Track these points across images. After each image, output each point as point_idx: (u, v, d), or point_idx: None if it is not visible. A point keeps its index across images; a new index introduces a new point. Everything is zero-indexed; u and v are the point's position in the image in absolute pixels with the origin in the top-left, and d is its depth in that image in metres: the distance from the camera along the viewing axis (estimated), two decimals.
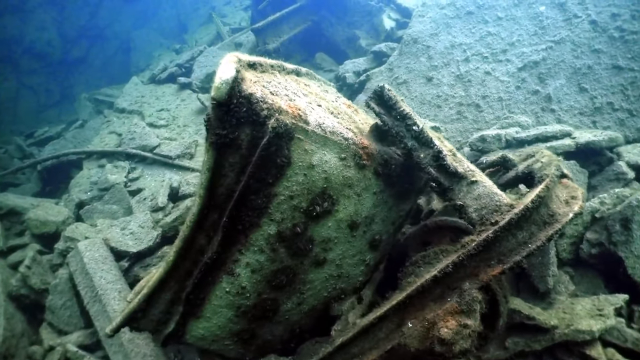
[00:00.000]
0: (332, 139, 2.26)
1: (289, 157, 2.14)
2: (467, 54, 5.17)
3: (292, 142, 2.13)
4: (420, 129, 2.30)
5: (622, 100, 4.37)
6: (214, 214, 2.28)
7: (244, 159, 2.12)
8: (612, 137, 3.83)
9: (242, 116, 1.99)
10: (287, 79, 2.63)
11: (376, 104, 2.43)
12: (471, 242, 2.08)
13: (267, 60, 2.46)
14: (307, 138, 2.18)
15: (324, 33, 7.80)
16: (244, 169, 2.14)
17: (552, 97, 4.60)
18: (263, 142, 2.03)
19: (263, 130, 2.04)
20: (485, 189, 2.20)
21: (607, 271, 3.54)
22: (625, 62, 4.45)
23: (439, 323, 2.12)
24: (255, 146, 2.08)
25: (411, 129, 2.31)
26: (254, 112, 2.00)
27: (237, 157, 2.11)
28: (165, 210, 4.61)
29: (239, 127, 2.03)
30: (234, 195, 2.20)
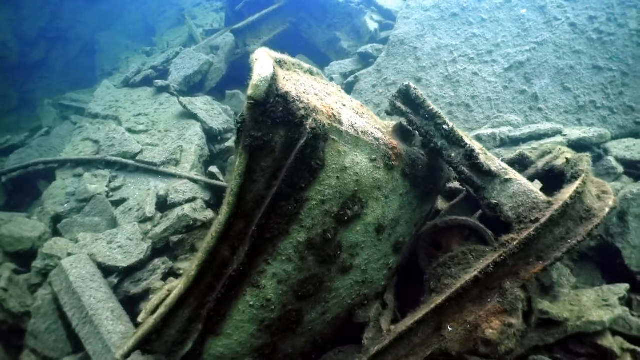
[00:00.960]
0: (363, 139, 2.17)
1: (323, 160, 2.03)
2: (454, 55, 5.25)
3: (326, 143, 2.02)
4: (451, 128, 2.26)
5: (603, 98, 4.58)
6: (240, 223, 2.13)
7: (276, 162, 1.99)
8: (601, 133, 3.98)
9: (278, 116, 1.86)
10: (307, 77, 2.52)
11: (402, 103, 2.37)
12: (512, 241, 2.05)
13: (289, 58, 2.34)
14: (341, 139, 2.08)
15: (303, 35, 7.70)
16: (276, 174, 2.01)
17: (539, 97, 4.75)
18: (300, 144, 1.91)
19: (299, 132, 1.92)
20: (520, 187, 2.19)
21: (605, 263, 3.67)
22: (604, 62, 4.67)
23: (482, 324, 2.08)
24: (290, 148, 1.96)
25: (441, 128, 2.27)
26: (290, 112, 1.88)
27: (269, 160, 1.97)
28: (153, 221, 4.33)
29: (274, 129, 1.90)
30: (263, 201, 2.06)
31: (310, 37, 7.62)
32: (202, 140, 5.44)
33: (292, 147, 1.94)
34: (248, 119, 1.84)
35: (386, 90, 5.36)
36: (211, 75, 6.63)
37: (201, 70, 6.57)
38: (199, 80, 6.59)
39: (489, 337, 2.00)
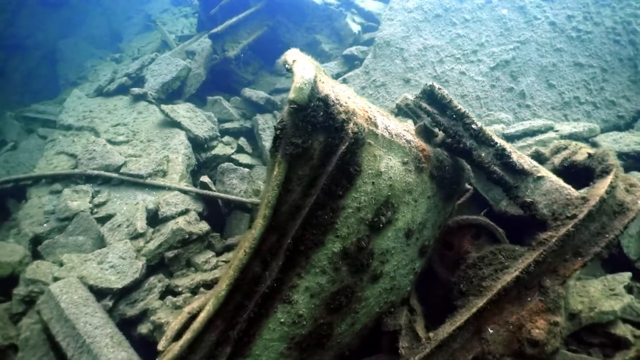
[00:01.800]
0: (397, 142, 2.10)
1: (360, 165, 1.94)
2: (440, 56, 5.30)
3: (363, 148, 1.93)
4: (480, 127, 2.23)
5: (586, 94, 4.76)
6: (273, 236, 1.99)
7: (314, 170, 1.87)
8: (591, 128, 4.13)
9: (319, 121, 1.75)
10: (330, 79, 2.42)
11: (428, 103, 2.32)
12: (551, 238, 2.04)
13: (311, 58, 2.24)
14: (377, 143, 2.00)
15: (281, 39, 7.59)
16: (313, 182, 1.90)
17: (526, 94, 4.87)
18: (341, 149, 1.81)
19: (340, 137, 1.82)
20: (552, 184, 2.18)
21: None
22: (584, 59, 4.86)
23: (526, 325, 2.05)
24: (328, 155, 1.85)
25: (470, 128, 2.23)
26: (331, 116, 1.78)
27: (306, 169, 1.86)
28: (145, 237, 4.07)
29: (313, 135, 1.79)
30: (299, 212, 1.94)
31: (289, 41, 7.51)
32: (188, 149, 5.21)
33: (332, 154, 1.83)
34: (289, 124, 1.72)
35: (375, 92, 5.34)
36: (190, 82, 6.38)
37: (179, 76, 6.30)
38: (177, 87, 6.32)
39: (536, 337, 1.97)
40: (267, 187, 1.84)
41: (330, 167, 1.83)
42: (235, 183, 4.85)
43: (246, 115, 6.28)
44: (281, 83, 7.01)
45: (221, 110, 6.18)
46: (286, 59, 1.80)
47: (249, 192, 4.89)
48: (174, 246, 4.05)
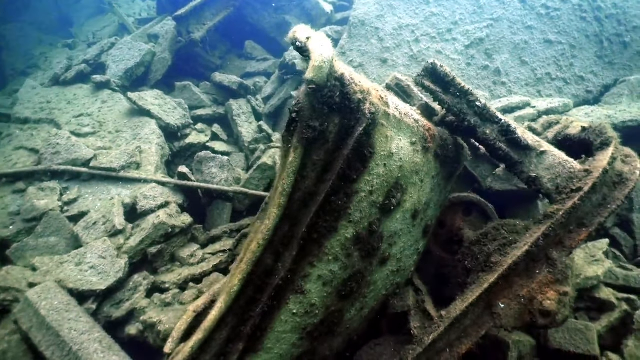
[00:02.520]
0: (406, 122, 2.04)
1: (374, 147, 1.88)
2: (416, 35, 5.28)
3: (377, 129, 1.86)
4: (484, 104, 2.21)
5: (557, 70, 4.91)
6: (285, 226, 1.90)
7: (328, 154, 1.79)
8: (565, 103, 4.27)
9: (335, 102, 1.66)
10: None
11: (431, 82, 2.27)
12: (558, 211, 2.08)
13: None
14: (389, 123, 1.93)
15: (248, 20, 7.30)
16: (327, 167, 1.81)
17: (501, 71, 4.96)
18: (359, 131, 1.73)
19: (356, 118, 1.74)
20: (555, 158, 2.22)
21: None
22: (554, 36, 4.99)
23: (537, 297, 2.09)
24: (344, 137, 1.77)
25: (474, 105, 2.21)
26: (347, 97, 1.69)
27: (321, 153, 1.77)
28: (125, 233, 3.84)
29: (329, 117, 1.70)
30: (313, 199, 1.86)
31: (257, 22, 7.25)
32: (161, 139, 4.94)
33: (348, 136, 1.75)
34: (307, 107, 1.61)
35: None
36: (155, 67, 6.02)
37: (143, 61, 5.93)
38: (142, 73, 5.95)
39: (548, 308, 2.03)
40: (281, 174, 1.73)
41: (346, 150, 1.75)
42: (214, 172, 4.66)
43: (218, 101, 6.03)
44: (252, 67, 6.77)
45: (191, 96, 5.89)
46: (296, 36, 1.68)
47: (229, 181, 4.72)
48: (157, 241, 3.86)
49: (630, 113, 4.08)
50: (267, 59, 6.85)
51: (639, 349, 2.92)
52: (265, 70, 6.67)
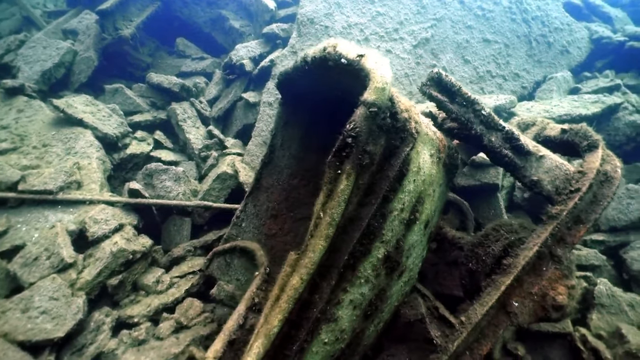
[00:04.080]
0: (429, 135, 2.01)
1: (409, 164, 1.81)
2: (365, 34, 5.30)
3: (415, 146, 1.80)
4: (489, 112, 2.27)
5: (496, 68, 5.29)
6: (325, 255, 1.76)
7: (371, 176, 1.68)
8: (511, 99, 4.61)
9: (385, 123, 1.55)
10: None
11: (437, 91, 2.26)
12: (562, 212, 2.22)
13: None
14: (420, 138, 1.88)
15: (178, 15, 6.74)
16: (369, 190, 1.71)
17: (447, 70, 5.20)
18: (405, 151, 1.65)
19: (401, 137, 1.65)
20: (552, 162, 2.36)
21: (534, 210, 4.35)
22: (491, 36, 5.36)
23: (549, 293, 2.23)
24: (387, 158, 1.68)
25: (480, 114, 2.26)
26: (395, 116, 1.59)
27: (366, 176, 1.65)
28: (77, 267, 3.32)
29: (378, 138, 1.59)
30: (354, 224, 1.75)
31: (189, 17, 6.73)
32: (101, 152, 4.36)
33: (391, 156, 1.66)
34: (365, 130, 1.48)
35: None
36: (79, 67, 5.28)
37: (63, 61, 5.15)
38: (62, 75, 5.18)
39: (561, 302, 2.17)
40: (328, 202, 1.58)
41: (392, 171, 1.66)
42: (169, 185, 4.25)
43: (157, 105, 5.49)
44: (188, 66, 6.27)
45: (125, 100, 5.29)
46: (341, 52, 1.53)
47: (187, 194, 4.34)
48: (117, 271, 3.42)
49: (564, 108, 4.55)
50: (204, 58, 6.40)
51: (601, 321, 3.30)
52: (204, 69, 6.22)
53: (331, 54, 1.59)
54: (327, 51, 1.61)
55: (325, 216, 1.60)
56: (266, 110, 4.95)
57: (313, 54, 1.82)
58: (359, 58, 1.51)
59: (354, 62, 1.51)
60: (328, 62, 1.59)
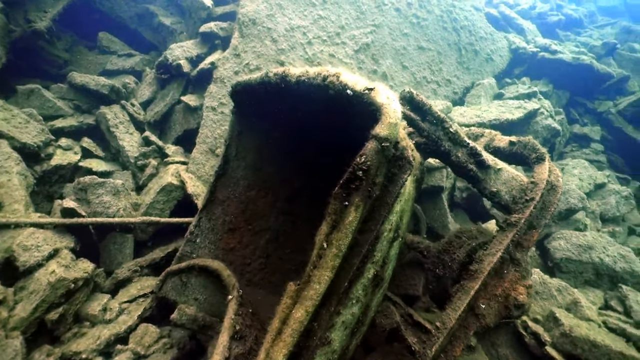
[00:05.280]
0: (416, 159, 2.08)
1: (404, 189, 1.87)
2: (308, 37, 5.29)
3: None
4: (455, 130, 2.41)
5: (430, 74, 5.62)
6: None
7: (371, 203, 1.70)
8: (448, 105, 4.95)
9: (391, 153, 1.57)
10: None
11: (410, 110, 2.34)
12: (520, 220, 2.45)
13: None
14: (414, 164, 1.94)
15: (98, 7, 6.11)
16: (370, 216, 1.72)
17: (387, 75, 5.41)
18: (404, 179, 1.68)
19: (399, 165, 1.68)
20: (508, 174, 2.58)
21: (471, 208, 4.74)
22: (425, 43, 5.68)
23: (511, 293, 2.45)
24: (386, 186, 1.70)
25: (448, 132, 2.39)
26: (396, 146, 1.61)
27: (369, 204, 1.66)
28: (6, 303, 2.90)
29: (383, 168, 1.60)
30: (353, 251, 1.75)
31: (111, 10, 6.13)
32: (21, 165, 3.82)
33: (391, 183, 1.69)
34: (375, 163, 1.48)
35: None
36: None
37: None
38: None
39: (522, 301, 2.40)
40: (333, 234, 1.56)
41: (390, 198, 1.69)
42: (107, 200, 3.87)
43: (81, 108, 4.94)
44: (113, 63, 5.73)
45: (43, 103, 4.68)
46: (346, 82, 1.51)
47: (128, 209, 3.99)
48: (57, 303, 3.05)
49: (492, 113, 5.00)
50: (132, 55, 5.88)
51: (537, 306, 3.72)
52: (132, 67, 5.73)
53: (334, 84, 1.56)
54: (330, 80, 1.58)
55: (332, 248, 1.59)
56: (210, 115, 4.72)
57: (304, 78, 1.77)
58: (368, 91, 1.51)
59: (362, 95, 1.51)
60: (328, 90, 1.56)
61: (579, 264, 4.09)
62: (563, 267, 4.09)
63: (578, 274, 4.09)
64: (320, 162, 3.33)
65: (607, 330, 3.46)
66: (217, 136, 4.66)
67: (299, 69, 1.93)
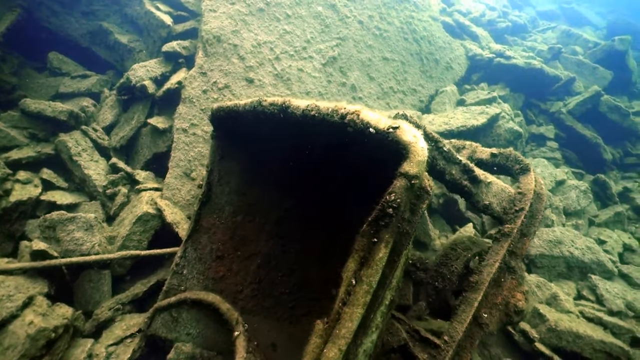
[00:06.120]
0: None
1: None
2: (275, 53, 5.25)
3: None
4: (449, 148, 2.48)
5: (396, 84, 5.77)
6: None
7: (397, 236, 1.71)
8: (418, 115, 5.10)
9: (418, 189, 1.59)
10: None
11: None
12: (513, 230, 2.57)
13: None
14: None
15: (45, 25, 5.71)
16: (395, 247, 1.73)
17: (356, 87, 5.49)
18: (423, 207, 1.71)
19: (419, 195, 1.71)
20: (497, 187, 2.70)
21: (446, 212, 4.91)
22: (389, 54, 5.82)
23: (511, 300, 2.56)
24: (407, 218, 1.72)
25: (443, 151, 2.46)
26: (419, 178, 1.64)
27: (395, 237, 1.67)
28: None
29: (409, 202, 1.61)
30: (379, 285, 1.76)
31: (59, 28, 5.76)
32: None
33: (412, 214, 1.71)
34: (405, 201, 1.48)
35: (220, 95, 4.86)
36: None
37: None
38: None
39: (521, 307, 2.52)
40: (363, 270, 1.55)
41: (412, 229, 1.71)
42: (79, 237, 3.63)
43: (38, 137, 4.59)
44: (67, 86, 5.38)
45: None
46: (369, 121, 1.51)
47: (103, 244, 3.76)
48: (38, 356, 2.81)
49: (459, 120, 5.21)
50: (87, 76, 5.55)
51: None
52: (89, 89, 5.41)
53: (354, 122, 1.56)
54: (350, 118, 1.58)
55: (362, 284, 1.58)
56: (181, 137, 4.55)
57: (315, 113, 1.74)
58: (393, 130, 1.52)
59: (387, 134, 1.52)
60: (347, 127, 1.56)
61: (551, 258, 4.35)
62: (538, 262, 4.34)
63: (551, 268, 4.36)
64: (311, 182, 3.32)
65: (586, 321, 3.70)
66: (191, 159, 4.50)
67: (304, 102, 1.91)
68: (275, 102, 2.15)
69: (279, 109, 2.09)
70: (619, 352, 3.40)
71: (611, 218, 5.24)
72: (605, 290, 4.10)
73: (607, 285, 4.17)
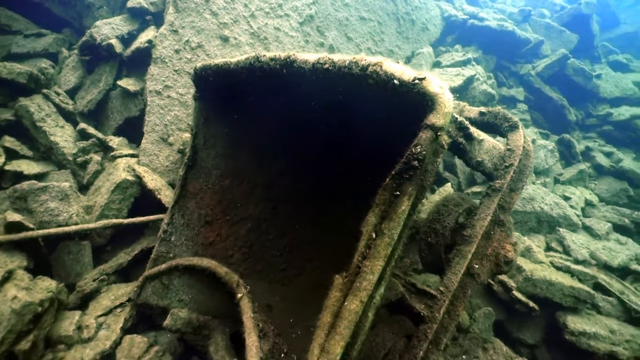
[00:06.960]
0: None
1: None
2: (250, 9, 4.99)
3: None
4: None
5: (374, 45, 5.69)
6: None
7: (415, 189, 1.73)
8: None
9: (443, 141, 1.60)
10: None
11: None
12: (503, 185, 2.67)
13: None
14: None
15: None
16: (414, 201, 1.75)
17: (334, 47, 5.37)
18: (439, 161, 1.73)
19: (438, 150, 1.72)
20: (489, 143, 2.76)
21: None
22: (366, 14, 5.69)
23: (501, 252, 2.70)
24: (430, 170, 1.74)
25: None
26: None
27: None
28: None
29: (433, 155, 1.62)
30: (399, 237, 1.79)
31: None
32: None
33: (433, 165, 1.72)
34: (430, 153, 1.48)
35: (194, 55, 4.60)
36: None
37: None
38: None
39: (510, 258, 2.66)
40: (385, 223, 1.57)
41: (428, 181, 1.73)
42: (54, 207, 3.43)
43: None
44: (21, 45, 4.90)
45: None
46: (394, 73, 1.46)
47: (80, 214, 3.58)
48: (25, 331, 2.70)
49: None
50: (42, 34, 5.07)
51: None
52: (45, 49, 4.97)
53: (377, 73, 1.51)
54: (372, 69, 1.52)
55: (384, 237, 1.59)
56: (155, 100, 4.31)
57: (329, 66, 1.67)
58: (419, 81, 1.48)
59: (413, 86, 1.48)
60: (368, 80, 1.51)
61: (524, 214, 4.60)
62: (512, 218, 4.58)
63: (524, 223, 4.62)
64: (306, 143, 3.27)
65: (556, 270, 3.99)
66: (167, 123, 4.29)
67: (312, 55, 1.83)
68: (277, 57, 2.05)
69: (282, 64, 2.00)
70: (586, 296, 3.72)
71: (575, 176, 5.58)
72: (572, 241, 4.42)
73: (573, 237, 4.49)
